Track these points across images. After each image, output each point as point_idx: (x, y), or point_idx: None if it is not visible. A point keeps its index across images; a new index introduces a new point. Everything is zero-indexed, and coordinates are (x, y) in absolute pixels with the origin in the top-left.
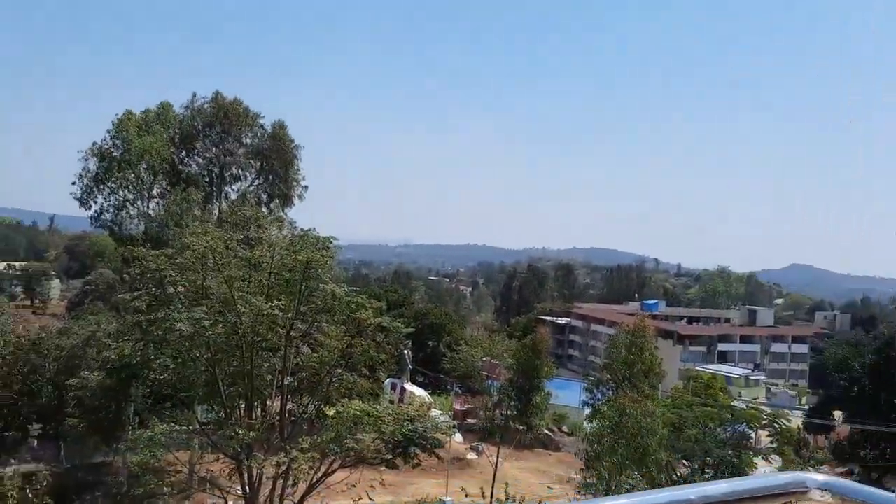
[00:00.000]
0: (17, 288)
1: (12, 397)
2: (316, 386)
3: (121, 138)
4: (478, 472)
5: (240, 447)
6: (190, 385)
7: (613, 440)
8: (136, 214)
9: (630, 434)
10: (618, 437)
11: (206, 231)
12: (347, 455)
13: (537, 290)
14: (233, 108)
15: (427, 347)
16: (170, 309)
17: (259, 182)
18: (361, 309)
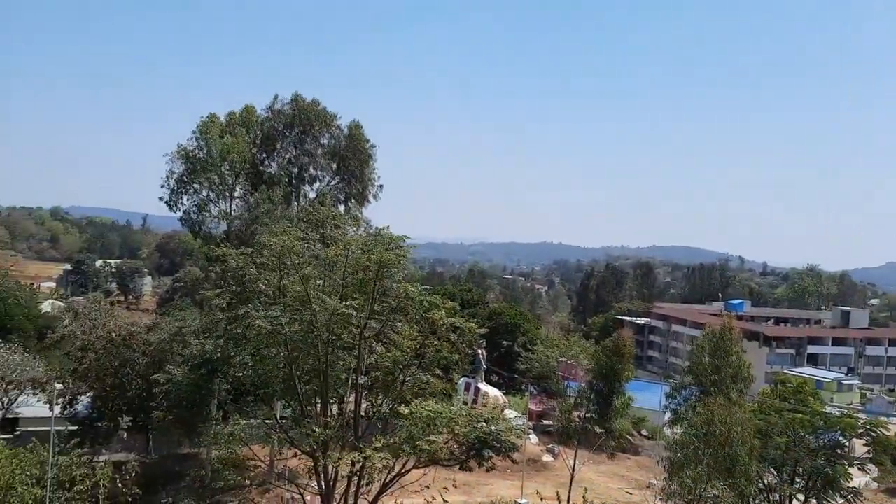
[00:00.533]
0: (113, 284)
1: (104, 390)
2: (390, 385)
3: (204, 140)
4: (553, 474)
5: (316, 444)
6: (268, 381)
7: (699, 449)
8: (219, 214)
9: (718, 443)
10: (704, 445)
11: (284, 230)
12: (420, 456)
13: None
14: (311, 110)
15: (501, 347)
16: (249, 307)
17: (336, 182)
18: (435, 308)
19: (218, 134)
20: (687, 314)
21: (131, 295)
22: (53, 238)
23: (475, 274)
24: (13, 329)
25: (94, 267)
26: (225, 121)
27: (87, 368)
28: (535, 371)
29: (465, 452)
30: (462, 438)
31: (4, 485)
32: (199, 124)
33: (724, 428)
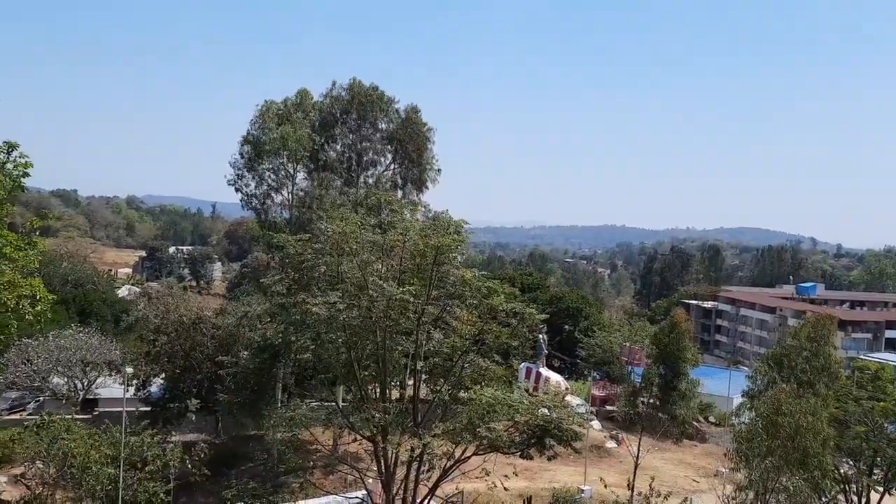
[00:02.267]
0: (185, 270)
1: (175, 372)
2: (448, 371)
3: (266, 127)
4: (617, 461)
5: (375, 429)
6: (329, 366)
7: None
8: (280, 201)
9: (786, 434)
10: (772, 437)
11: (341, 217)
12: (480, 443)
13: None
14: (368, 94)
15: (563, 332)
16: (307, 293)
17: (393, 166)
18: (494, 294)
19: (275, 121)
20: (756, 298)
21: (202, 280)
22: (129, 226)
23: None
24: (92, 313)
25: (167, 253)
26: (280, 106)
27: (159, 351)
28: (598, 356)
29: (525, 440)
30: (523, 426)
31: (81, 464)
32: (258, 111)
33: (792, 419)
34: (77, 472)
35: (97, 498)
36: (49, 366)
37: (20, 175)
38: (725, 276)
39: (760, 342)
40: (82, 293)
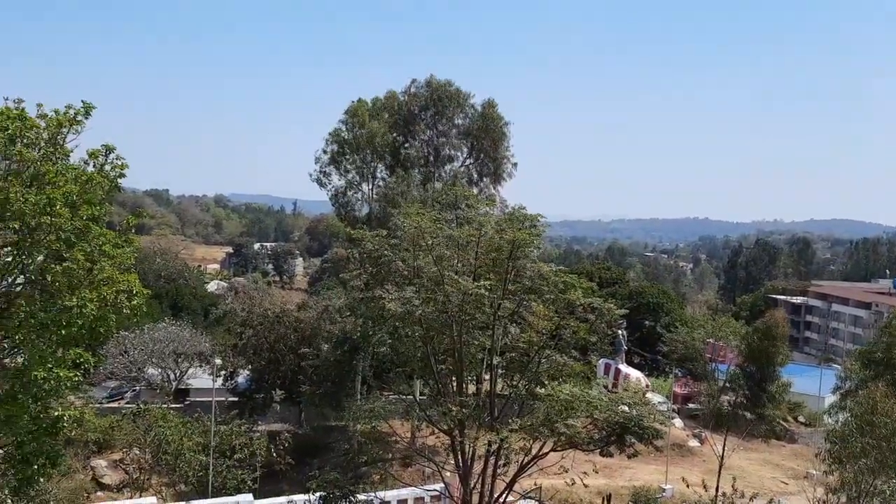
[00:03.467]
0: (269, 265)
1: (261, 364)
2: (525, 366)
3: (351, 124)
4: (700, 460)
5: (452, 423)
6: (406, 360)
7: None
8: (362, 197)
9: (883, 435)
10: (867, 437)
11: (417, 212)
12: (558, 439)
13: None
14: (444, 90)
15: (643, 327)
16: (384, 288)
17: (470, 161)
18: (571, 288)
19: (364, 118)
20: (849, 293)
21: (285, 275)
22: (217, 224)
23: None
24: (183, 307)
25: (252, 250)
26: (370, 105)
27: (245, 344)
28: (680, 352)
29: (605, 437)
30: (602, 423)
31: (174, 451)
32: (348, 109)
33: (889, 419)
34: (171, 458)
35: (189, 483)
36: (144, 357)
37: (117, 176)
38: (816, 270)
39: (854, 339)
40: (174, 288)
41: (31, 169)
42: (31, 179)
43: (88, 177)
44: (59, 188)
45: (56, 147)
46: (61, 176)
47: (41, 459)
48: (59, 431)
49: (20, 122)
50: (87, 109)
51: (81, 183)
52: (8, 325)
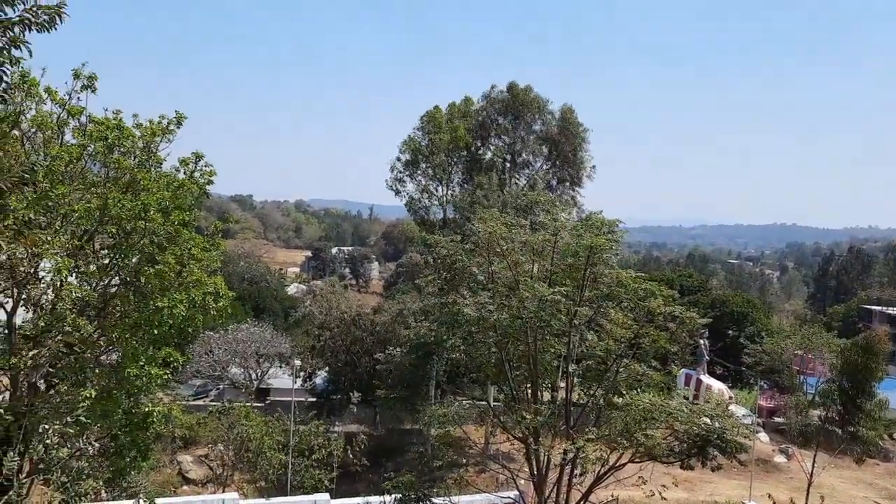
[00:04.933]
0: (346, 269)
1: (338, 366)
2: (602, 374)
3: (427, 130)
4: (786, 477)
5: (527, 430)
6: (480, 365)
7: None
8: (437, 202)
9: None
10: None
11: (492, 216)
12: (637, 449)
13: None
14: (524, 96)
15: (726, 337)
16: (459, 293)
17: (547, 166)
18: (651, 296)
19: (440, 124)
20: None
21: (361, 279)
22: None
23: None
24: (265, 309)
25: (330, 254)
26: (447, 111)
27: (323, 346)
28: (765, 364)
29: (685, 449)
30: (682, 434)
31: (256, 449)
32: (424, 115)
33: None
34: (253, 456)
35: (269, 481)
36: (228, 357)
37: (206, 182)
38: None
39: None
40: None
41: (127, 176)
42: (127, 186)
43: (180, 183)
44: (152, 194)
45: (150, 155)
46: (155, 183)
47: (133, 452)
48: (149, 426)
49: (118, 132)
50: (178, 119)
51: (173, 189)
52: (105, 323)
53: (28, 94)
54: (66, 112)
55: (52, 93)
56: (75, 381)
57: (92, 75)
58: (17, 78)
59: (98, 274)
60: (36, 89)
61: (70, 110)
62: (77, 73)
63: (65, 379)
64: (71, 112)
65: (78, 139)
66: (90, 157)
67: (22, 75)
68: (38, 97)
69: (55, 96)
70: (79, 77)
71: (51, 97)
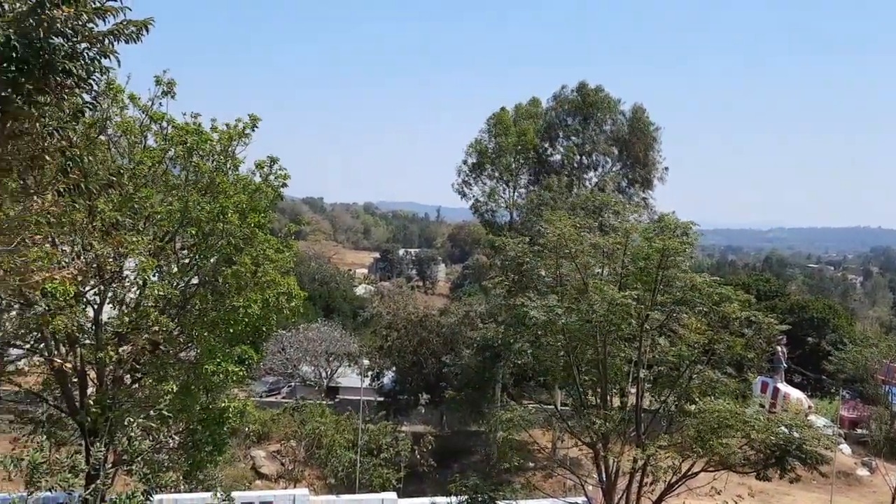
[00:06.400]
0: (413, 271)
1: (404, 366)
2: (675, 381)
3: (494, 133)
4: (869, 491)
5: (596, 436)
6: (547, 369)
7: None
8: (505, 204)
9: None
10: None
11: (561, 218)
12: (710, 458)
13: None
14: (594, 96)
15: (805, 344)
16: (526, 296)
17: (617, 167)
18: (726, 300)
19: (508, 125)
20: None
21: (428, 281)
22: (366, 230)
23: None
24: (334, 309)
25: (397, 255)
26: (513, 113)
27: (390, 346)
28: (848, 372)
29: (762, 459)
30: (759, 444)
31: (327, 446)
32: (490, 117)
33: None
34: (324, 453)
35: (338, 479)
36: (299, 355)
37: (280, 185)
38: None
39: None
40: (326, 290)
41: (205, 179)
42: (206, 189)
43: (256, 187)
44: (230, 197)
45: (227, 158)
46: (232, 186)
47: (209, 447)
48: (225, 421)
49: (197, 136)
50: (253, 122)
51: (250, 192)
52: (185, 321)
53: (114, 100)
54: (149, 117)
55: (136, 99)
56: (157, 377)
57: (171, 81)
58: (104, 85)
59: (179, 273)
60: (121, 96)
61: (152, 115)
62: (158, 80)
63: (147, 374)
64: (153, 117)
65: (159, 143)
66: (171, 161)
67: (108, 83)
68: (122, 103)
69: (138, 102)
70: (160, 83)
71: (134, 103)
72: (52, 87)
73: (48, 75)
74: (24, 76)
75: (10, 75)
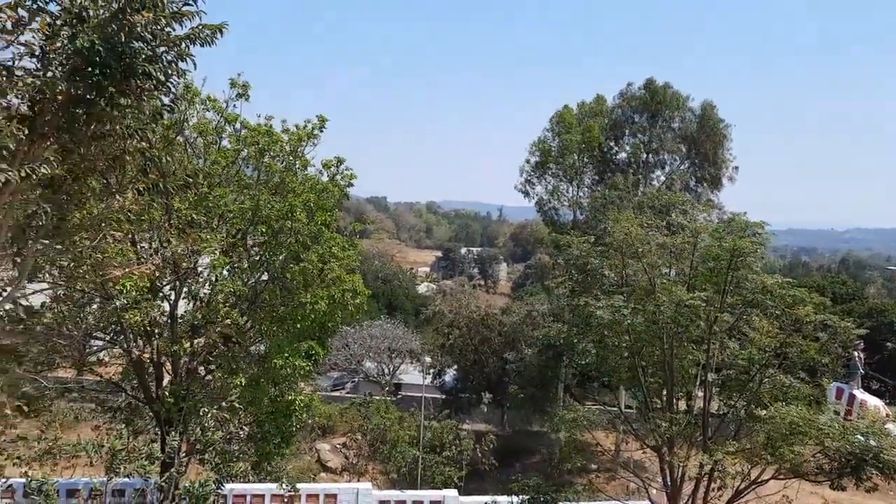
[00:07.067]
0: (474, 270)
1: (466, 364)
2: (744, 385)
3: (557, 131)
4: None
5: (661, 439)
6: (611, 370)
7: None
8: (568, 202)
9: None
10: None
11: (627, 217)
12: (781, 466)
13: None
14: (662, 93)
15: (884, 350)
16: (590, 295)
17: (685, 166)
18: (799, 303)
19: (570, 124)
20: None
21: (489, 280)
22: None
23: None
24: (397, 307)
25: (459, 254)
26: (577, 111)
27: (452, 344)
28: None
29: (836, 468)
30: (833, 452)
31: (391, 442)
32: (554, 115)
33: None
34: (388, 448)
35: (401, 474)
36: (363, 351)
37: (346, 185)
38: None
39: None
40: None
41: (276, 178)
42: (276, 188)
43: (323, 186)
44: (298, 196)
45: (297, 158)
46: (301, 185)
47: (277, 438)
48: (292, 414)
49: (268, 137)
50: (321, 123)
51: (317, 191)
52: (254, 316)
53: (190, 102)
54: (224, 119)
55: (212, 101)
56: (228, 370)
57: (246, 84)
58: (181, 88)
59: (249, 270)
60: (197, 98)
61: (227, 117)
62: (234, 83)
63: (219, 367)
64: (227, 119)
65: (233, 144)
66: (243, 161)
67: (185, 86)
68: (198, 105)
69: (214, 104)
70: (235, 86)
71: (209, 105)
72: (132, 89)
73: (129, 78)
74: (107, 79)
75: (95, 79)
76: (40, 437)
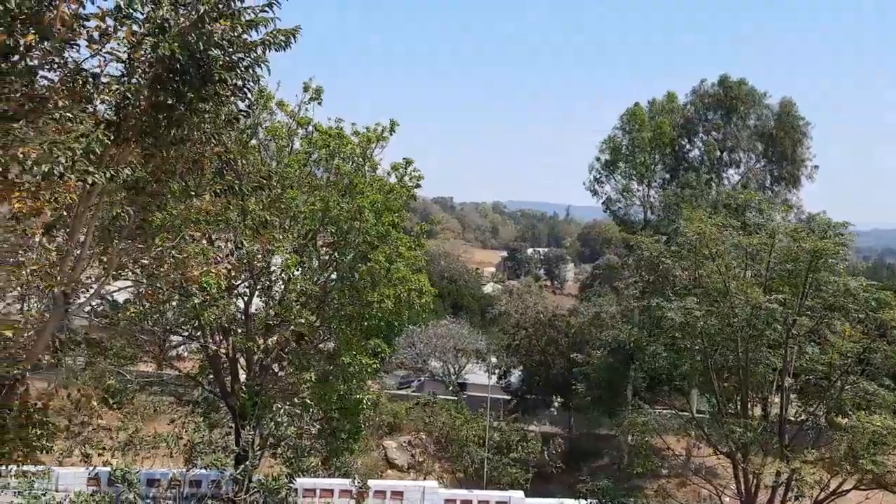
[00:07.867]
0: (541, 270)
1: (532, 365)
2: (824, 391)
3: (628, 129)
4: None
5: (735, 446)
6: (684, 374)
7: None
8: (639, 202)
9: None
10: None
11: (701, 217)
12: (863, 476)
13: None
14: (737, 90)
15: None
16: (662, 297)
17: (761, 164)
18: (885, 307)
19: (642, 122)
20: None
21: (556, 280)
22: (494, 229)
23: None
24: (462, 307)
25: (525, 254)
26: (648, 109)
27: (518, 344)
28: None
29: None
30: None
31: (458, 441)
32: (624, 113)
33: None
34: (456, 448)
35: (467, 474)
36: (428, 350)
37: (414, 186)
38: None
39: None
40: (455, 288)
41: (345, 180)
42: (345, 189)
43: (391, 187)
44: (366, 197)
45: (366, 160)
46: (369, 186)
47: (345, 434)
48: (360, 411)
49: (338, 140)
50: (392, 126)
51: (385, 192)
52: (324, 314)
53: (264, 107)
54: (296, 122)
55: (284, 105)
56: (299, 366)
57: (319, 88)
58: (256, 94)
59: (319, 269)
60: (270, 102)
61: (299, 121)
62: (307, 87)
63: (291, 364)
64: (300, 122)
65: (304, 147)
66: (314, 163)
67: (260, 90)
68: (271, 109)
69: (286, 108)
70: (308, 90)
71: (282, 109)
72: (210, 95)
73: (207, 84)
74: (187, 86)
75: (175, 85)
76: (122, 428)
